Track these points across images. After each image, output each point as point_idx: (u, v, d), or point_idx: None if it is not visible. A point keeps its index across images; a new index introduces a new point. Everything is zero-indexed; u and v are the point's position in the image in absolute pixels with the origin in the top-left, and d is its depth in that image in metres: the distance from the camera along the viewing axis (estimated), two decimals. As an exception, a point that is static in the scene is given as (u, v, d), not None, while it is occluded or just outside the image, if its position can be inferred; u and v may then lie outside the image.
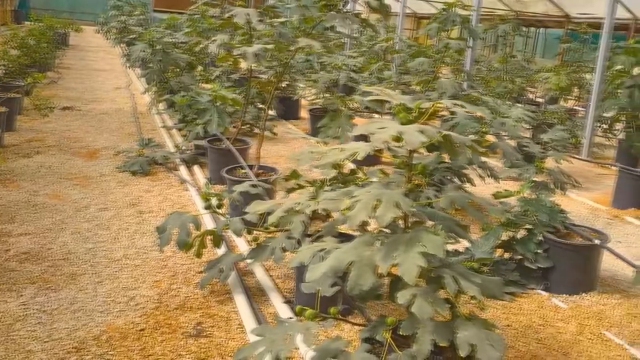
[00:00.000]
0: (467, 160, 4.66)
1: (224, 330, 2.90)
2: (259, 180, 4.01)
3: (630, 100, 6.85)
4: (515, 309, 3.40)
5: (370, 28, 4.41)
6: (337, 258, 2.11)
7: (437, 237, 2.06)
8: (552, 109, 7.23)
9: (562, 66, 11.88)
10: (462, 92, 6.65)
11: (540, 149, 6.22)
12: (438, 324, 2.08)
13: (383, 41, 9.23)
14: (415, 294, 2.02)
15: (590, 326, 3.27)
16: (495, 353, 1.98)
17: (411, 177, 2.24)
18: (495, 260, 3.73)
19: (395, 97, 2.21)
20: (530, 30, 24.03)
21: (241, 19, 4.43)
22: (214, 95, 5.19)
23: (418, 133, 1.98)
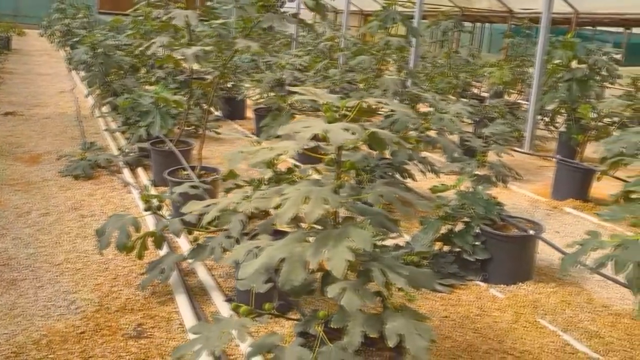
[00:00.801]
0: (408, 156, 4.77)
1: (164, 331, 2.91)
2: (200, 181, 4.02)
3: (568, 93, 7.05)
4: (453, 301, 3.49)
5: (308, 28, 4.45)
6: (269, 255, 2.15)
7: (365, 232, 2.12)
8: (493, 104, 7.40)
9: (505, 61, 12.15)
10: (406, 89, 6.76)
11: (482, 143, 6.38)
12: (368, 316, 2.14)
13: (327, 40, 9.29)
14: (344, 287, 2.08)
15: (526, 314, 3.38)
16: (422, 342, 2.05)
17: (340, 173, 2.29)
18: (434, 254, 3.83)
19: (322, 96, 2.25)
20: (476, 26, 24.50)
21: (180, 20, 4.42)
22: (156, 97, 5.17)
23: (343, 131, 2.03)
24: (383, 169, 4.80)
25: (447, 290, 3.59)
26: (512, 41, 13.38)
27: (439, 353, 2.90)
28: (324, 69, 8.81)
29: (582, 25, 19.41)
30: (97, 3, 14.16)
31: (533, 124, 7.94)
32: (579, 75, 6.84)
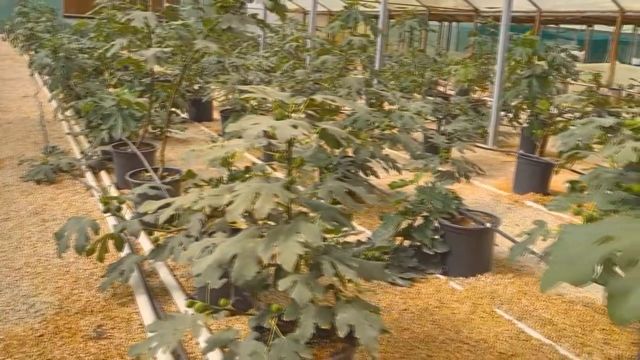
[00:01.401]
0: (370, 153, 4.83)
1: (124, 331, 2.92)
2: (162, 182, 4.03)
3: (529, 89, 7.18)
4: (413, 294, 3.55)
5: (267, 28, 4.48)
6: (222, 251, 2.19)
7: (315, 226, 2.17)
8: (455, 101, 7.50)
9: (470, 59, 12.31)
10: (371, 87, 6.82)
11: (445, 140, 6.48)
12: (320, 308, 2.19)
13: (293, 40, 9.33)
14: (295, 280, 2.12)
15: (483, 305, 3.45)
16: (372, 332, 2.10)
17: (291, 170, 2.33)
18: (395, 248, 3.88)
19: (271, 94, 2.29)
20: (443, 25, 24.74)
21: (139, 22, 4.43)
22: (119, 99, 5.16)
23: (290, 127, 2.07)
24: (345, 167, 4.85)
25: (407, 284, 3.65)
26: (477, 39, 13.55)
27: (396, 344, 2.95)
28: (291, 70, 8.84)
29: (546, 23, 19.72)
30: (62, 6, 13.98)
31: (496, 120, 8.07)
32: (538, 71, 6.97)
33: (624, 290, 0.91)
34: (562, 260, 1.00)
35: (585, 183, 2.69)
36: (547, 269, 1.01)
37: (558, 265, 0.99)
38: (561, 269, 0.99)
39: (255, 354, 2.10)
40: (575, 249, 1.01)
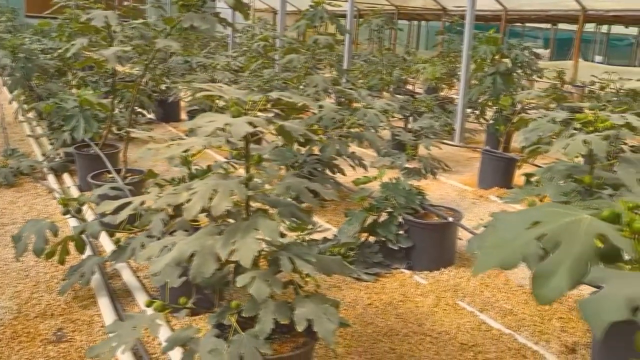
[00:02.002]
0: (336, 151, 4.85)
1: (85, 334, 2.90)
2: (125, 183, 4.01)
3: (493, 86, 7.27)
4: (378, 289, 3.58)
5: (231, 27, 4.48)
6: (180, 249, 2.19)
7: (273, 222, 2.18)
8: (421, 98, 7.57)
9: (438, 57, 12.42)
10: (338, 86, 6.84)
11: (412, 137, 6.54)
12: (279, 303, 2.20)
13: (261, 40, 9.32)
14: (254, 276, 2.13)
15: (446, 298, 3.50)
16: (330, 325, 2.12)
17: (249, 166, 2.34)
18: (360, 244, 3.91)
19: (228, 92, 2.30)
20: (413, 24, 24.90)
21: (99, 21, 4.39)
22: (80, 100, 5.11)
23: (246, 124, 2.08)
24: (312, 165, 4.87)
25: (372, 279, 3.68)
26: (445, 38, 13.66)
27: (360, 338, 2.98)
28: (259, 70, 8.84)
29: (512, 22, 19.97)
30: (24, 6, 13.77)
31: (462, 117, 8.16)
32: (502, 69, 7.07)
33: (548, 271, 0.94)
34: (493, 245, 1.03)
35: (539, 176, 2.75)
36: (479, 254, 1.03)
37: (489, 250, 1.02)
38: (492, 253, 1.01)
39: (214, 351, 2.11)
40: (506, 234, 1.04)
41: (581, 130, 2.71)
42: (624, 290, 0.86)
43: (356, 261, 3.80)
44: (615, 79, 8.37)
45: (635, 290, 0.86)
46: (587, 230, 0.99)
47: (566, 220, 1.02)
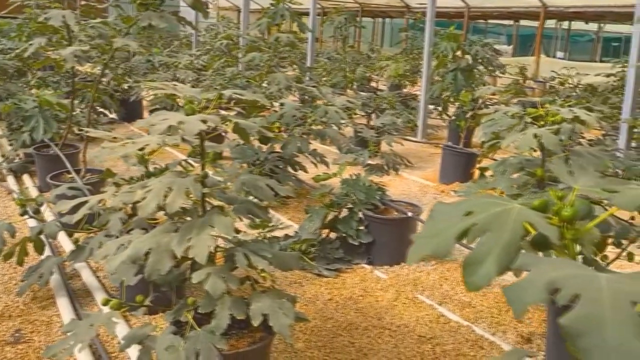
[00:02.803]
0: (297, 148, 4.88)
1: (44, 334, 2.89)
2: (84, 183, 3.98)
3: (454, 82, 7.36)
4: (339, 284, 3.62)
5: (189, 26, 4.47)
6: (136, 247, 2.20)
7: (227, 219, 2.20)
8: (382, 95, 7.63)
9: (401, 54, 12.51)
10: (301, 84, 6.87)
11: (374, 134, 6.59)
12: (235, 299, 2.22)
13: (224, 38, 9.30)
14: (209, 272, 2.15)
15: (406, 292, 3.55)
16: (286, 320, 2.15)
17: (204, 164, 2.35)
18: (321, 240, 3.94)
19: (181, 90, 2.31)
20: (377, 22, 25.03)
21: (57, 21, 4.35)
22: (39, 100, 5.05)
23: (199, 122, 2.09)
24: (273, 162, 4.89)
25: (332, 275, 3.72)
26: (408, 35, 13.77)
27: (320, 333, 3.01)
28: (222, 68, 8.81)
29: (474, 18, 20.20)
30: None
31: (425, 113, 8.25)
32: (463, 65, 7.15)
33: (478, 259, 0.98)
34: (427, 235, 1.06)
35: (493, 170, 2.81)
36: (414, 243, 1.07)
37: (424, 239, 1.06)
38: (426, 242, 1.05)
39: (171, 347, 2.12)
40: (440, 224, 1.08)
41: (533, 124, 2.78)
42: (545, 275, 0.90)
43: (317, 257, 3.83)
44: (573, 74, 8.54)
45: (555, 274, 0.90)
46: (515, 219, 1.03)
47: (497, 210, 1.06)
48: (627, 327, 0.76)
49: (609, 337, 0.76)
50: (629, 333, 0.75)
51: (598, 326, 0.77)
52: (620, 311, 0.79)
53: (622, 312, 0.79)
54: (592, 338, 0.76)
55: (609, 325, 0.77)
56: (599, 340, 0.76)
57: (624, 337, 0.75)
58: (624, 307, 0.80)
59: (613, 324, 0.77)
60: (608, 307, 0.80)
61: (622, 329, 0.76)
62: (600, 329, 0.77)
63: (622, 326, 0.76)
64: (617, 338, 0.75)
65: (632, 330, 0.76)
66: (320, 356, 2.82)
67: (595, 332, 0.77)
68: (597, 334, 0.76)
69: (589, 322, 0.78)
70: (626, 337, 0.75)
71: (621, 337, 0.75)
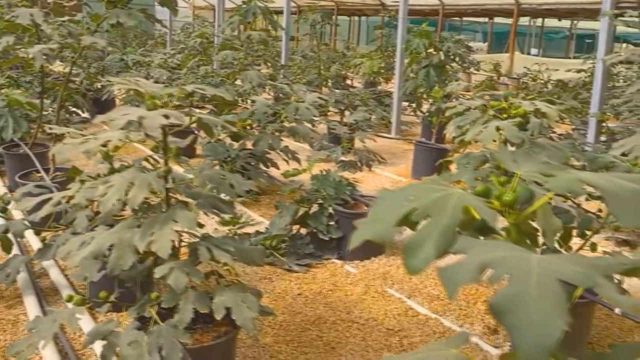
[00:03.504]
0: (268, 145, 4.89)
1: (10, 333, 2.87)
2: (52, 181, 3.95)
3: (426, 79, 7.41)
4: (309, 279, 3.63)
5: (158, 23, 4.45)
6: (98, 243, 2.20)
7: (190, 213, 2.20)
8: (354, 92, 7.66)
9: (376, 52, 12.57)
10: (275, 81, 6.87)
11: (347, 130, 6.62)
12: (199, 293, 2.22)
13: (198, 36, 9.27)
14: (172, 267, 2.15)
15: (375, 286, 3.57)
16: (249, 313, 2.15)
17: (168, 159, 2.35)
18: (291, 236, 3.95)
19: (143, 85, 2.31)
20: (353, 20, 25.07)
21: (25, 19, 4.31)
22: (8, 100, 5.00)
23: (160, 117, 2.09)
24: (244, 159, 4.89)
25: (302, 270, 3.73)
26: (383, 32, 13.83)
27: (288, 328, 3.03)
28: (196, 67, 8.79)
29: (449, 16, 20.34)
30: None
31: (398, 110, 8.29)
32: (435, 61, 7.20)
33: (417, 243, 1.00)
34: (370, 220, 1.08)
35: (456, 163, 2.84)
36: (357, 229, 1.08)
37: (366, 224, 1.07)
38: (368, 227, 1.06)
39: (134, 342, 2.11)
40: (383, 210, 1.09)
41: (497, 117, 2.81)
42: (479, 257, 0.92)
43: (288, 253, 3.84)
44: (543, 70, 8.63)
45: (489, 256, 0.92)
46: (455, 204, 1.05)
47: (437, 195, 1.08)
48: (551, 304, 0.78)
49: (533, 313, 0.78)
50: (552, 309, 0.78)
51: (524, 303, 0.79)
52: (546, 289, 0.81)
53: (548, 289, 0.81)
54: (517, 314, 0.78)
55: (534, 302, 0.79)
56: (523, 316, 0.78)
57: (547, 312, 0.77)
58: (550, 284, 0.82)
59: (538, 301, 0.79)
60: (535, 285, 0.82)
61: (545, 306, 0.78)
62: (525, 306, 0.79)
63: (546, 303, 0.79)
64: (541, 314, 0.77)
65: (556, 307, 0.78)
66: (288, 350, 2.83)
67: (520, 309, 0.79)
68: (522, 311, 0.79)
69: (516, 300, 0.80)
70: (549, 313, 0.77)
71: (544, 312, 0.77)
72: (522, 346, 0.76)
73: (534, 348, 0.76)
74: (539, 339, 0.76)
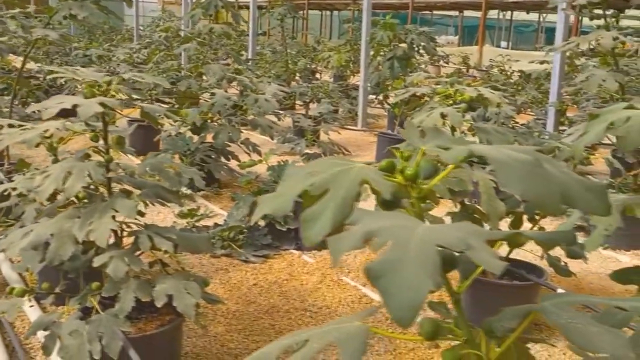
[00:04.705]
0: (228, 137, 4.88)
1: (-43, 328, 2.84)
2: (7, 177, 3.91)
3: (391, 70, 7.44)
4: (265, 269, 3.64)
5: (112, 16, 4.42)
6: (37, 233, 2.18)
7: (131, 202, 2.20)
8: (318, 84, 7.67)
9: (345, 45, 12.58)
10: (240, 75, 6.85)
11: (311, 123, 6.63)
12: (141, 282, 2.22)
13: (163, 30, 9.21)
14: (112, 256, 2.14)
15: (331, 275, 3.59)
16: (190, 300, 2.16)
17: (108, 149, 2.34)
18: (249, 227, 3.96)
19: (81, 74, 2.29)
20: (325, 14, 25.10)
21: (-25, 12, 4.26)
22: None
23: (96, 105, 2.09)
24: (204, 152, 4.88)
25: (259, 261, 3.73)
26: (352, 26, 13.86)
27: (241, 317, 3.03)
28: (162, 61, 8.73)
29: (419, 9, 20.45)
30: None
31: (364, 102, 8.32)
32: (399, 53, 7.24)
33: (314, 215, 1.01)
34: (272, 195, 1.09)
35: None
36: (259, 203, 1.09)
37: (268, 199, 1.08)
38: (269, 201, 1.08)
39: (75, 332, 2.11)
40: (285, 185, 1.11)
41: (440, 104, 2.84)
42: (366, 226, 0.94)
43: (245, 244, 3.84)
44: (506, 61, 8.73)
45: (377, 225, 0.94)
46: (353, 178, 1.07)
47: (338, 170, 1.09)
48: (423, 267, 0.80)
49: (405, 277, 0.79)
50: (423, 272, 0.79)
51: (398, 268, 0.81)
52: (422, 254, 0.83)
53: (424, 254, 0.83)
54: (389, 278, 0.80)
55: (408, 266, 0.81)
56: (395, 279, 0.80)
57: (418, 275, 0.79)
58: (427, 250, 0.84)
59: (412, 265, 0.81)
60: (413, 250, 0.84)
61: (417, 269, 0.80)
62: (399, 270, 0.81)
63: (420, 267, 0.80)
64: (412, 277, 0.79)
65: (427, 269, 0.80)
66: (239, 339, 2.84)
67: (393, 273, 0.80)
68: (396, 274, 0.80)
69: (391, 264, 0.82)
70: (419, 275, 0.79)
71: (415, 275, 0.79)
72: (392, 306, 0.78)
73: (403, 308, 0.78)
74: (408, 299, 0.78)
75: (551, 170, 1.02)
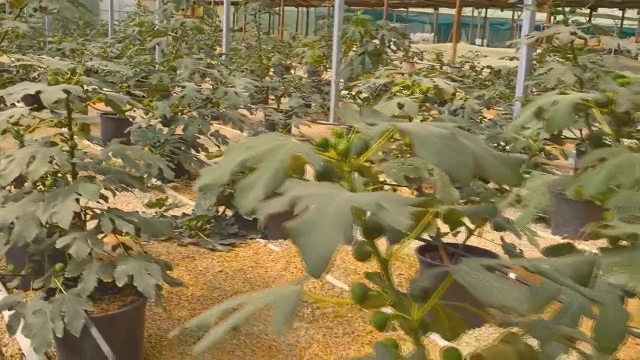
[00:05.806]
0: (198, 130, 4.95)
1: None
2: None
3: (362, 66, 7.54)
4: (231, 258, 3.72)
5: (86, 10, 4.47)
6: (3, 216, 2.24)
7: (94, 186, 2.27)
8: (290, 79, 7.75)
9: (319, 41, 12.67)
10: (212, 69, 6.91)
11: (282, 117, 6.72)
12: (104, 263, 2.29)
13: (137, 25, 9.22)
14: (75, 237, 2.21)
15: (297, 263, 3.68)
16: (151, 280, 2.23)
17: (73, 135, 2.41)
18: (216, 217, 4.03)
19: (46, 62, 2.36)
20: (302, 11, 25.16)
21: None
22: None
23: (59, 91, 2.16)
24: (174, 144, 4.94)
25: (226, 249, 3.81)
26: (327, 22, 13.93)
27: (205, 302, 3.11)
28: (137, 56, 8.75)
29: (395, 7, 20.62)
30: None
31: (336, 97, 8.41)
32: (371, 49, 7.35)
33: (249, 185, 1.10)
34: (212, 169, 1.18)
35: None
36: (199, 176, 1.18)
37: (208, 171, 1.17)
38: (208, 174, 1.16)
39: (39, 312, 2.17)
40: (228, 159, 1.19)
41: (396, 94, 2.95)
42: (293, 194, 1.03)
43: (212, 234, 3.92)
44: (474, 57, 8.87)
45: (305, 192, 1.03)
46: (287, 151, 1.16)
47: (274, 145, 1.18)
48: (337, 226, 0.90)
49: (320, 233, 0.89)
50: (337, 229, 0.89)
51: (316, 226, 0.90)
52: (337, 215, 0.92)
53: (339, 215, 0.92)
54: (307, 235, 0.89)
55: (324, 225, 0.90)
56: (312, 236, 0.89)
57: (332, 232, 0.88)
58: (343, 211, 0.93)
59: (328, 224, 0.90)
60: (330, 212, 0.93)
61: (332, 227, 0.89)
62: (316, 228, 0.90)
63: (334, 225, 0.90)
64: (326, 233, 0.88)
65: (341, 228, 0.89)
66: (203, 322, 2.91)
67: (311, 231, 0.90)
68: (312, 232, 0.90)
69: (310, 224, 0.91)
70: (333, 232, 0.88)
71: (329, 232, 0.88)
72: (307, 260, 0.87)
73: (315, 260, 0.87)
74: (320, 252, 0.87)
75: (467, 143, 1.12)
